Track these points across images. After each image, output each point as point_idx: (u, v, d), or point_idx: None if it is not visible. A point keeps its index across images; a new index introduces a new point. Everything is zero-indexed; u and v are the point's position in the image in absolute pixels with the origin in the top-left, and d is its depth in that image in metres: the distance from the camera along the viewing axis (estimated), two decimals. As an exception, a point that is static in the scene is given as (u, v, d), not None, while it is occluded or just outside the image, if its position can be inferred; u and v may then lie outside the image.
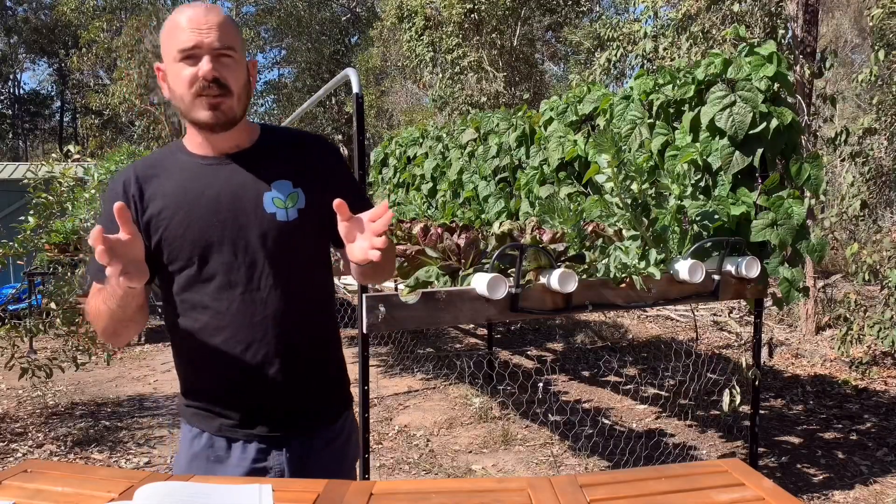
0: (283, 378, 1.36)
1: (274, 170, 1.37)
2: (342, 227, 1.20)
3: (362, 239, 1.18)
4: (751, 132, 2.80)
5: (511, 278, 2.44)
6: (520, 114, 4.57)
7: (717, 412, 4.32)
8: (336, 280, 3.82)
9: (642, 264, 2.67)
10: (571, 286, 2.48)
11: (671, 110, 3.19)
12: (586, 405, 4.76)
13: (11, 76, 27.20)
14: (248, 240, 1.33)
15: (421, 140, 6.00)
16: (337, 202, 1.17)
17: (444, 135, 5.59)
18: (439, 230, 2.68)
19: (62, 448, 4.07)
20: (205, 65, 1.26)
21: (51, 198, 4.54)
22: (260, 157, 1.38)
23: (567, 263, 2.64)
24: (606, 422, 4.39)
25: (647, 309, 5.35)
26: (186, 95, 1.28)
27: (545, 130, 4.12)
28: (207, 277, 1.33)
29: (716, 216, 2.85)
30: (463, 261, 2.58)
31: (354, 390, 1.71)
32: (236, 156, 1.37)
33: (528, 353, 6.45)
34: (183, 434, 1.43)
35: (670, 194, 2.93)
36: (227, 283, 1.33)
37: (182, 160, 1.37)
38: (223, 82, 1.28)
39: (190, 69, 1.27)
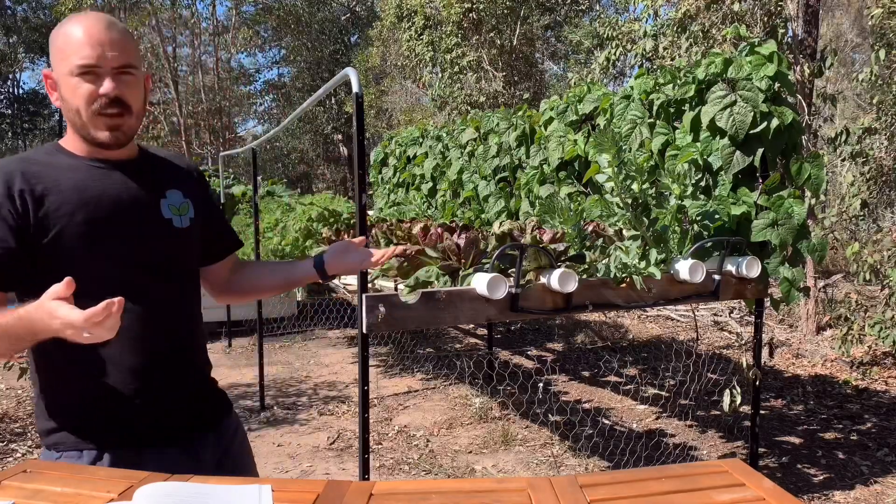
0: (164, 380, 1.37)
1: (163, 180, 1.41)
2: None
3: (358, 254, 1.57)
4: (751, 132, 2.80)
5: (511, 278, 2.44)
6: (520, 113, 4.56)
7: (718, 412, 4.32)
8: (336, 280, 3.81)
9: (642, 264, 2.67)
10: (571, 286, 2.48)
11: (671, 110, 3.19)
12: (586, 405, 4.76)
13: (11, 76, 27.19)
14: (146, 242, 1.35)
15: (421, 140, 5.99)
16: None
17: (444, 134, 5.59)
18: (439, 230, 2.68)
19: (62, 448, 4.06)
20: (107, 84, 1.25)
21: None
22: (146, 167, 1.41)
23: (567, 263, 2.64)
24: (606, 422, 4.39)
25: (648, 309, 5.35)
26: (84, 112, 1.26)
27: (545, 130, 4.11)
28: (100, 276, 1.28)
29: (716, 216, 2.85)
30: (463, 261, 2.58)
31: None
32: (123, 163, 1.36)
33: (528, 353, 6.45)
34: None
35: (671, 194, 2.93)
36: (120, 283, 1.24)
37: (67, 161, 1.33)
38: (124, 101, 1.27)
39: (89, 86, 1.25)
